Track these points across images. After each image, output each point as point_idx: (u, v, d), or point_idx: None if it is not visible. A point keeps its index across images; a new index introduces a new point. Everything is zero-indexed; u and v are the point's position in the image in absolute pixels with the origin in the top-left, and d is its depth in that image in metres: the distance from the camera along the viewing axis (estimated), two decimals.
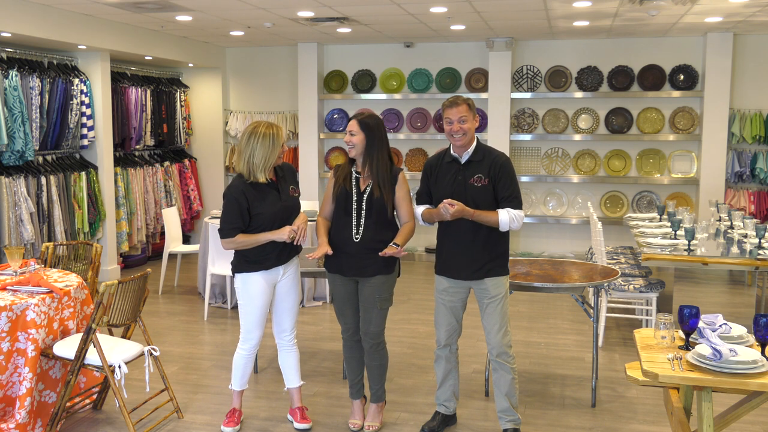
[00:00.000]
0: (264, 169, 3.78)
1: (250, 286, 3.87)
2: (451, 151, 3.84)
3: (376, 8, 6.55)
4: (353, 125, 3.79)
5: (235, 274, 3.92)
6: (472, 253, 3.76)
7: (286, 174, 3.96)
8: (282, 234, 3.76)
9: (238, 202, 3.76)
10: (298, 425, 4.06)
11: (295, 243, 3.82)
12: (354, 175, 3.86)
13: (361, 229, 3.80)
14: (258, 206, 3.78)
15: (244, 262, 3.87)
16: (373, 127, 3.80)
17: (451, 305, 3.89)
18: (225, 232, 3.79)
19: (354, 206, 3.82)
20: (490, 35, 8.37)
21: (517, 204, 3.75)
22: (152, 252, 8.94)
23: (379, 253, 3.75)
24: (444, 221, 3.79)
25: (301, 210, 4.04)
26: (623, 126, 8.64)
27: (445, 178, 3.82)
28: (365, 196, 3.81)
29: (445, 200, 3.66)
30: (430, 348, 5.39)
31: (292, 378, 4.09)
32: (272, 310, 4.04)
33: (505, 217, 3.70)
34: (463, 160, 3.79)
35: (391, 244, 3.78)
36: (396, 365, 5.06)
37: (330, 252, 3.83)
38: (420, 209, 3.93)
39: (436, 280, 3.95)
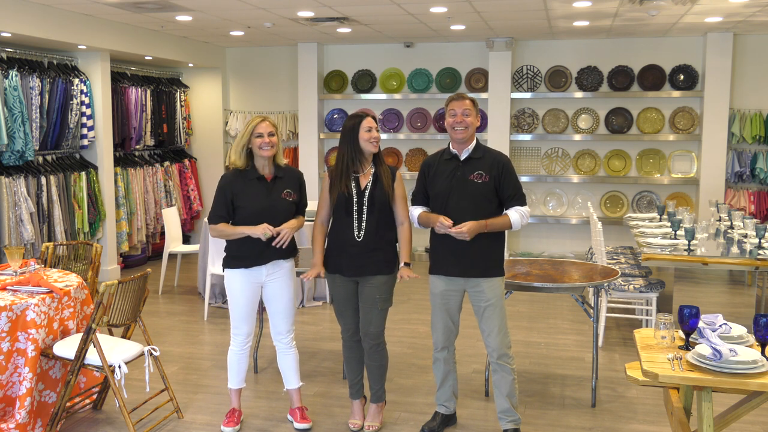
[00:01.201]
0: (237, 151, 3.85)
1: (232, 282, 3.92)
2: (451, 148, 3.84)
3: (376, 8, 6.55)
4: (372, 122, 3.82)
5: (224, 270, 3.98)
6: (469, 254, 3.74)
7: (287, 176, 3.94)
8: (256, 230, 3.76)
9: (224, 192, 3.85)
10: (298, 425, 4.06)
11: (273, 244, 3.80)
12: (352, 175, 3.86)
13: (364, 225, 3.80)
14: (241, 199, 3.83)
15: (228, 257, 3.94)
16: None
17: (447, 307, 3.87)
18: (210, 219, 3.91)
19: (355, 207, 3.82)
20: (490, 35, 8.37)
21: (523, 201, 3.79)
22: (152, 252, 8.94)
23: (398, 278, 3.83)
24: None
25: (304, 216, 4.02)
26: (623, 126, 8.64)
27: (443, 174, 3.80)
28: (366, 192, 3.82)
29: (440, 217, 3.68)
30: (430, 348, 5.37)
31: (291, 379, 4.09)
32: (267, 312, 4.05)
33: (516, 216, 3.73)
34: (462, 157, 3.79)
35: (401, 265, 3.84)
36: (396, 365, 5.06)
37: (322, 276, 3.91)
38: (416, 211, 3.89)
39: (431, 282, 3.91)
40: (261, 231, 3.74)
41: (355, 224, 3.81)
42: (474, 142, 3.81)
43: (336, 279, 3.91)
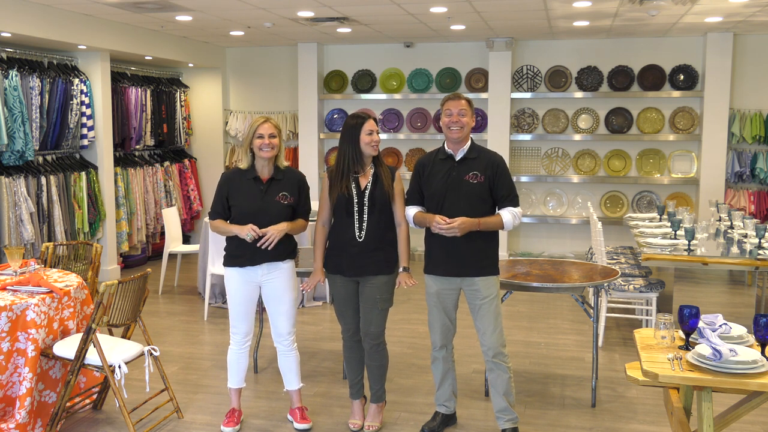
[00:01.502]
0: (243, 151, 3.92)
1: (228, 281, 3.95)
2: (446, 148, 3.84)
3: (376, 8, 6.55)
4: (374, 125, 3.82)
5: (224, 267, 4.01)
6: (463, 253, 3.75)
7: (286, 179, 3.92)
8: (242, 230, 3.77)
9: (221, 189, 3.91)
10: (298, 425, 4.06)
11: (258, 245, 3.79)
12: (352, 175, 3.86)
13: (365, 225, 3.80)
14: (234, 198, 3.87)
15: (226, 255, 3.97)
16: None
17: (443, 306, 3.87)
18: (209, 214, 3.99)
19: (355, 207, 3.81)
20: (490, 35, 8.37)
21: (516, 201, 3.80)
22: (152, 252, 8.94)
23: (396, 283, 3.86)
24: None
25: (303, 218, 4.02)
26: (623, 126, 8.64)
27: (438, 174, 3.81)
28: (366, 193, 3.81)
29: (437, 217, 3.68)
30: (430, 348, 5.37)
31: (291, 380, 4.09)
32: (267, 314, 4.05)
33: (509, 217, 3.75)
34: (458, 157, 3.79)
35: (400, 271, 3.86)
36: (396, 365, 5.06)
37: (323, 282, 3.93)
38: (412, 211, 3.89)
39: (426, 282, 3.92)
40: (245, 231, 3.76)
41: (356, 224, 3.81)
42: (469, 142, 3.82)
43: (337, 279, 3.91)
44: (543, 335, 5.87)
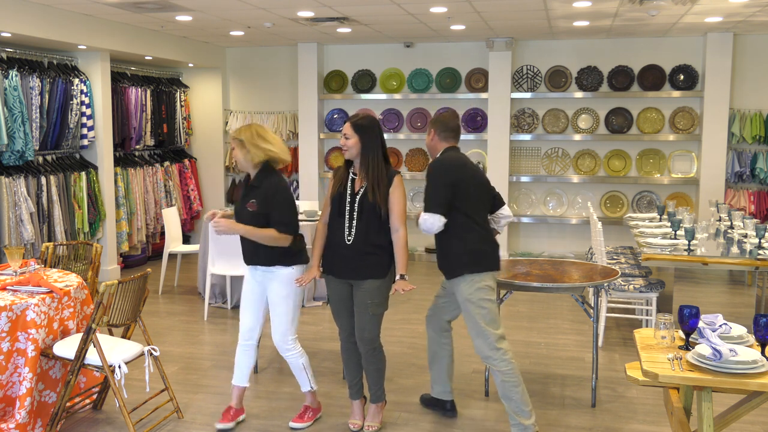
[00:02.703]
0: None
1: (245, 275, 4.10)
2: None
3: (376, 8, 6.55)
4: (347, 128, 3.78)
5: None
6: (440, 255, 3.87)
7: (262, 187, 3.84)
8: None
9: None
10: (292, 424, 4.06)
11: (205, 221, 3.93)
12: (350, 176, 3.86)
13: (353, 230, 3.78)
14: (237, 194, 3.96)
15: None
16: (368, 129, 3.75)
17: (438, 297, 4.10)
18: None
19: (347, 208, 3.80)
20: (490, 35, 8.37)
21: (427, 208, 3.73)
22: (152, 252, 8.94)
23: (392, 290, 3.83)
24: None
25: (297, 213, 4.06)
26: (623, 126, 8.64)
27: None
28: (358, 197, 3.79)
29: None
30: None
31: (299, 382, 4.11)
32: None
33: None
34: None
35: (397, 278, 3.76)
36: (396, 365, 5.06)
37: (318, 277, 3.91)
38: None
39: None
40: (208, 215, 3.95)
41: (346, 225, 3.79)
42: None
43: (331, 280, 3.91)
44: (543, 335, 5.87)
